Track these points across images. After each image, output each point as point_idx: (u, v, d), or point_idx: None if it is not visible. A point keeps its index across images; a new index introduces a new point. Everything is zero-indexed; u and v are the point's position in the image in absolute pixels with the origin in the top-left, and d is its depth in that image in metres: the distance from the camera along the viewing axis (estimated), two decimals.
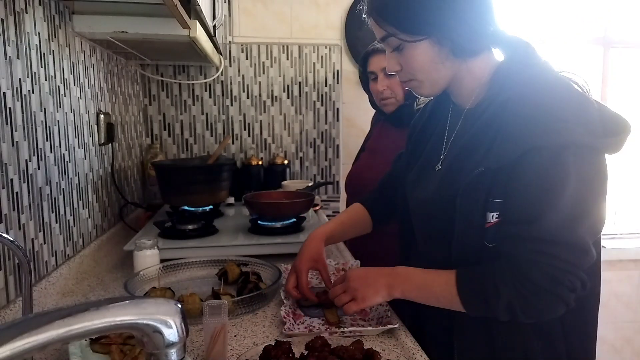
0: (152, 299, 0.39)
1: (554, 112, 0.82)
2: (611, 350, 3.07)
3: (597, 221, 0.86)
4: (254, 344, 0.98)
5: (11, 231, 1.04)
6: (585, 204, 0.83)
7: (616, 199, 3.11)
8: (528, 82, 0.88)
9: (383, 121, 1.81)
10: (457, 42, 0.90)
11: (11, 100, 1.05)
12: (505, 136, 0.85)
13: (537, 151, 0.81)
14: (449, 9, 0.89)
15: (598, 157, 0.86)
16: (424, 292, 0.96)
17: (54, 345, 0.33)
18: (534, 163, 0.82)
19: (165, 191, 1.78)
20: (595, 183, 0.85)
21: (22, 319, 0.33)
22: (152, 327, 0.37)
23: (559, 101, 0.83)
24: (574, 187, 0.81)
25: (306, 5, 2.50)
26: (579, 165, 0.81)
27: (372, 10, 0.96)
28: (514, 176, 0.84)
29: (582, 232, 0.82)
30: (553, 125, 0.81)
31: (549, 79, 0.88)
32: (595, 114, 0.84)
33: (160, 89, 2.44)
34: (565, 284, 0.82)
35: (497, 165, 0.85)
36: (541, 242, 0.82)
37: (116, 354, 0.86)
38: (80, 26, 1.42)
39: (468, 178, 0.89)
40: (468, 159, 0.92)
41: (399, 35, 0.92)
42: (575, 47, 2.95)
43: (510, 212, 0.85)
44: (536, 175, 0.82)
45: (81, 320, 0.34)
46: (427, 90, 1.00)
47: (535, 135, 0.81)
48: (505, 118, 0.86)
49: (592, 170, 0.84)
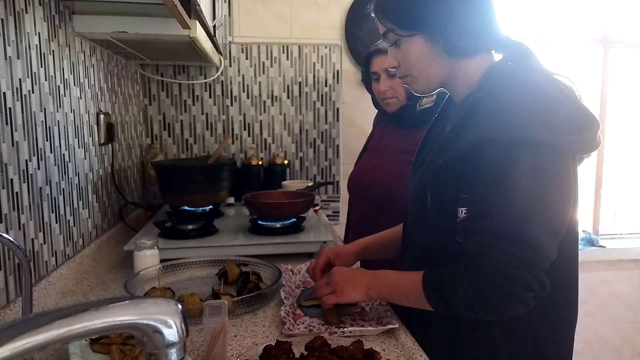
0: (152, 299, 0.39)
1: (513, 107, 0.83)
2: (611, 350, 3.07)
3: (554, 220, 0.84)
4: (254, 344, 0.98)
5: (11, 231, 1.04)
6: (539, 201, 0.82)
7: (616, 199, 3.12)
8: (504, 80, 0.89)
9: (385, 121, 1.81)
10: (451, 40, 0.93)
11: (11, 100, 1.05)
12: (467, 130, 0.88)
13: (491, 144, 0.83)
14: (444, 8, 0.91)
15: (559, 156, 0.84)
16: (395, 292, 1.00)
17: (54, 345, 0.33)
18: (487, 156, 0.84)
19: (165, 191, 1.79)
20: (553, 182, 0.84)
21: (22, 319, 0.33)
22: (152, 327, 0.37)
23: (521, 99, 0.84)
24: (526, 183, 0.81)
25: (306, 5, 2.50)
26: (534, 161, 0.82)
27: (375, 7, 1.01)
28: (474, 170, 0.86)
29: (535, 229, 0.81)
30: (509, 120, 0.82)
31: (522, 77, 0.89)
32: (560, 112, 0.83)
33: (160, 89, 2.44)
34: (517, 280, 0.82)
35: (454, 157, 0.89)
36: (491, 235, 0.83)
37: (116, 354, 0.86)
38: (80, 26, 1.42)
39: (431, 171, 0.94)
40: (441, 152, 0.95)
41: (396, 31, 0.97)
42: (576, 47, 2.95)
43: (470, 207, 0.87)
44: (488, 168, 0.84)
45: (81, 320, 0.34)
46: (421, 86, 1.02)
47: (489, 128, 0.83)
48: (474, 113, 0.89)
49: (549, 169, 0.84)
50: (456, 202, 0.90)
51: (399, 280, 1.00)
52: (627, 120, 3.06)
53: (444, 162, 0.92)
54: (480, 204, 0.85)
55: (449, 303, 0.89)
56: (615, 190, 3.11)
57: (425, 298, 0.92)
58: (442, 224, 0.94)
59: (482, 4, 0.94)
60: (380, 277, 1.03)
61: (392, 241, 1.29)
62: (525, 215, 0.81)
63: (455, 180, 0.90)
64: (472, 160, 0.86)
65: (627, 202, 3.14)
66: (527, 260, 0.82)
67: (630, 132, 3.08)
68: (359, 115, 2.59)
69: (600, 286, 3.02)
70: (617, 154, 3.08)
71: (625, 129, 3.07)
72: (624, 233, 3.14)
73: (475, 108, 0.89)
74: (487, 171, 0.84)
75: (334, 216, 2.62)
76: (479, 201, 0.85)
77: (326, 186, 2.62)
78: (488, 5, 0.95)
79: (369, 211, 1.73)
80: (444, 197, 0.93)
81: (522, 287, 0.83)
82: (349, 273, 1.08)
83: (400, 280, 0.99)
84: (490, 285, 0.84)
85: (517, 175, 0.81)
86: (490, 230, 0.82)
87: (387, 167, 1.71)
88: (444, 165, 0.92)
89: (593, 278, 2.99)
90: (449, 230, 0.92)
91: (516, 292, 0.83)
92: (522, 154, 0.81)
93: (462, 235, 0.89)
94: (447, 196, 0.91)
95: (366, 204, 1.75)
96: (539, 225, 0.81)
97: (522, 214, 0.81)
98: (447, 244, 0.93)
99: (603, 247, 2.99)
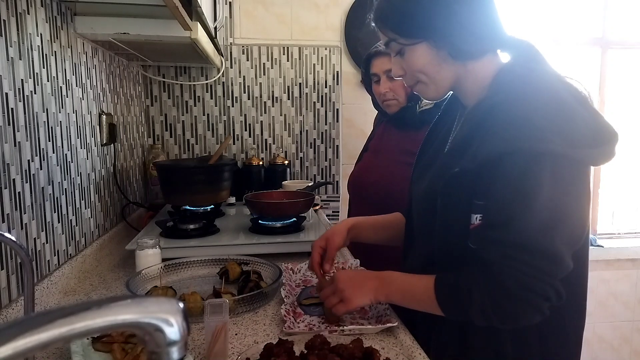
0: (153, 298, 0.39)
1: (533, 119, 0.82)
2: (609, 349, 3.07)
3: (574, 232, 0.84)
4: (254, 342, 0.98)
5: (13, 231, 1.04)
6: (561, 213, 0.82)
7: (614, 199, 3.12)
8: (520, 86, 0.88)
9: (385, 122, 1.82)
10: (455, 44, 0.92)
11: (13, 101, 1.05)
12: (485, 138, 0.86)
13: (511, 156, 0.82)
14: (444, 13, 0.90)
15: (578, 168, 0.85)
16: (406, 296, 0.98)
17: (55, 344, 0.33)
18: (509, 167, 0.82)
19: (167, 191, 1.79)
20: (573, 194, 0.84)
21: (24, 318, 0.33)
22: (153, 325, 0.37)
23: (542, 108, 0.83)
24: (548, 195, 0.80)
25: (306, 7, 2.51)
26: (556, 174, 0.81)
27: (375, 17, 1.00)
28: (493, 178, 0.85)
29: (556, 240, 0.81)
30: (530, 132, 0.81)
31: (540, 85, 0.88)
32: (580, 124, 0.83)
33: (162, 90, 2.44)
34: (537, 291, 0.81)
35: (472, 165, 0.87)
36: (512, 246, 0.82)
37: (118, 352, 0.86)
38: (82, 27, 1.42)
39: (446, 177, 0.92)
40: (455, 158, 0.93)
41: (398, 40, 0.96)
42: (573, 48, 2.95)
43: (487, 214, 0.86)
44: (510, 179, 0.82)
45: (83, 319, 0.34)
46: (432, 93, 1.01)
47: (509, 140, 0.82)
48: (491, 120, 0.87)
49: (571, 181, 0.83)
50: (469, 208, 0.89)
51: (408, 285, 0.98)
52: (624, 121, 3.06)
53: (460, 170, 0.89)
54: (500, 213, 0.83)
55: (463, 311, 0.88)
56: (613, 190, 3.12)
57: (437, 305, 0.91)
58: (451, 229, 0.92)
59: (484, 5, 0.93)
60: (388, 281, 1.00)
61: (384, 226, 1.28)
62: (547, 226, 0.81)
63: (470, 187, 0.88)
64: (491, 168, 0.84)
65: (625, 201, 3.14)
66: (547, 272, 0.81)
67: (628, 133, 3.08)
68: (358, 116, 2.60)
69: (598, 285, 3.02)
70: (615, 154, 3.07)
71: (623, 129, 3.06)
72: (622, 232, 3.14)
73: (492, 114, 0.87)
74: (508, 181, 0.82)
75: (333, 216, 2.63)
76: (499, 210, 0.84)
77: (326, 186, 2.62)
78: (490, 6, 0.94)
79: (369, 211, 1.72)
80: (456, 203, 0.91)
81: (540, 297, 0.82)
82: (354, 277, 1.05)
83: (411, 286, 0.97)
84: (510, 296, 0.83)
85: (540, 187, 0.80)
86: (512, 241, 0.81)
87: (387, 167, 1.72)
88: (460, 172, 0.89)
89: (591, 277, 2.95)
90: (458, 235, 0.90)
91: (534, 303, 0.83)
92: (544, 166, 0.80)
93: (478, 242, 0.87)
94: (460, 202, 0.90)
95: (366, 203, 1.76)
96: (561, 237, 0.81)
97: (545, 225, 0.81)
98: (453, 249, 0.92)
99: (601, 246, 2.99)
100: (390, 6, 0.96)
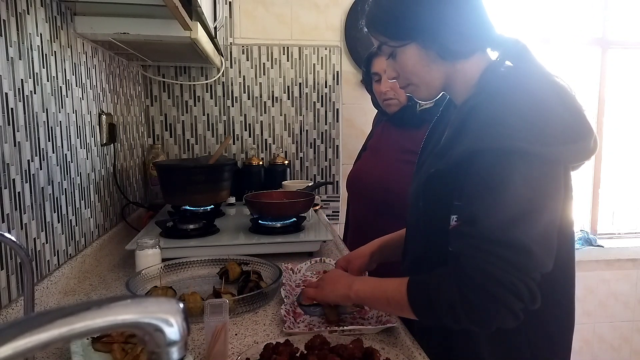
0: (153, 298, 0.39)
1: (506, 117, 0.82)
2: (609, 349, 3.08)
3: (546, 230, 0.82)
4: (254, 342, 0.98)
5: (13, 231, 1.05)
6: (530, 208, 0.80)
7: (614, 199, 3.12)
8: (499, 85, 0.88)
9: (385, 121, 1.82)
10: (443, 44, 0.92)
11: (13, 101, 1.05)
12: (461, 138, 0.87)
13: (483, 153, 0.82)
14: (432, 14, 0.91)
15: (551, 167, 0.83)
16: (376, 293, 0.98)
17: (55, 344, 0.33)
18: (478, 165, 0.83)
19: (167, 191, 1.79)
20: (543, 192, 0.82)
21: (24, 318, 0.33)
22: (153, 325, 0.37)
23: (516, 107, 0.83)
24: (516, 191, 0.80)
25: (306, 7, 2.51)
26: (526, 171, 0.80)
27: (366, 23, 1.01)
28: (466, 178, 0.85)
29: (523, 234, 0.79)
30: (501, 130, 0.81)
31: (518, 84, 0.87)
32: (555, 122, 0.82)
33: (161, 90, 2.45)
34: (505, 285, 0.79)
35: (448, 166, 0.88)
36: (480, 239, 0.81)
37: (118, 352, 0.86)
38: (82, 27, 1.42)
39: (423, 178, 0.94)
40: (438, 158, 0.94)
41: (389, 43, 0.97)
42: (574, 48, 2.95)
43: (460, 213, 0.86)
44: (479, 175, 0.83)
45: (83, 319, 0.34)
46: (423, 94, 1.01)
47: (481, 139, 0.83)
48: (470, 120, 0.88)
49: (541, 178, 0.82)
50: (449, 210, 0.89)
51: (382, 283, 0.98)
52: (624, 121, 3.07)
53: (435, 171, 0.92)
54: (469, 209, 0.83)
55: (431, 307, 0.86)
56: (613, 190, 3.12)
57: (407, 302, 0.89)
58: (434, 231, 0.93)
59: (470, 4, 0.93)
60: (364, 280, 1.05)
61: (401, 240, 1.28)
62: (514, 219, 0.79)
63: (448, 188, 0.89)
64: (465, 168, 0.85)
65: (625, 201, 3.14)
66: (516, 265, 0.79)
67: (628, 132, 3.08)
68: (358, 116, 2.60)
69: (599, 285, 3.02)
70: (615, 154, 3.08)
71: (623, 129, 3.08)
72: (622, 232, 3.15)
73: (472, 115, 0.88)
74: (477, 178, 0.83)
75: (333, 216, 2.63)
76: (467, 206, 0.84)
77: (326, 186, 2.63)
78: (477, 5, 0.94)
79: (367, 210, 1.74)
80: (436, 204, 0.92)
81: (509, 292, 0.79)
82: (337, 274, 1.11)
83: (384, 284, 0.97)
84: (475, 287, 0.81)
85: (508, 182, 0.80)
86: (480, 234, 0.81)
87: (386, 166, 1.72)
88: (436, 173, 0.92)
89: (591, 277, 3.00)
90: (440, 237, 0.90)
91: (502, 297, 0.79)
92: (513, 164, 0.80)
93: (453, 241, 0.87)
94: (440, 204, 0.91)
95: (364, 202, 1.76)
96: (528, 231, 0.79)
97: (512, 217, 0.79)
98: (439, 252, 0.92)
99: (601, 246, 3.00)
100: (379, 10, 0.97)
